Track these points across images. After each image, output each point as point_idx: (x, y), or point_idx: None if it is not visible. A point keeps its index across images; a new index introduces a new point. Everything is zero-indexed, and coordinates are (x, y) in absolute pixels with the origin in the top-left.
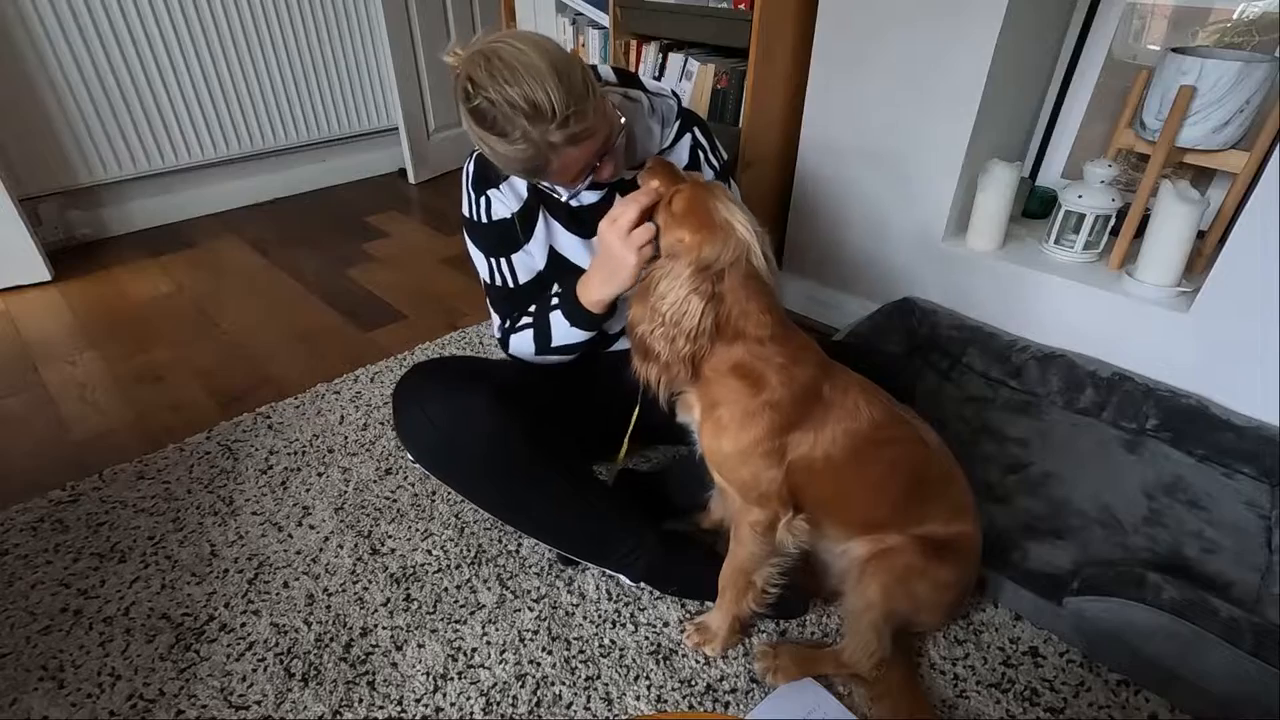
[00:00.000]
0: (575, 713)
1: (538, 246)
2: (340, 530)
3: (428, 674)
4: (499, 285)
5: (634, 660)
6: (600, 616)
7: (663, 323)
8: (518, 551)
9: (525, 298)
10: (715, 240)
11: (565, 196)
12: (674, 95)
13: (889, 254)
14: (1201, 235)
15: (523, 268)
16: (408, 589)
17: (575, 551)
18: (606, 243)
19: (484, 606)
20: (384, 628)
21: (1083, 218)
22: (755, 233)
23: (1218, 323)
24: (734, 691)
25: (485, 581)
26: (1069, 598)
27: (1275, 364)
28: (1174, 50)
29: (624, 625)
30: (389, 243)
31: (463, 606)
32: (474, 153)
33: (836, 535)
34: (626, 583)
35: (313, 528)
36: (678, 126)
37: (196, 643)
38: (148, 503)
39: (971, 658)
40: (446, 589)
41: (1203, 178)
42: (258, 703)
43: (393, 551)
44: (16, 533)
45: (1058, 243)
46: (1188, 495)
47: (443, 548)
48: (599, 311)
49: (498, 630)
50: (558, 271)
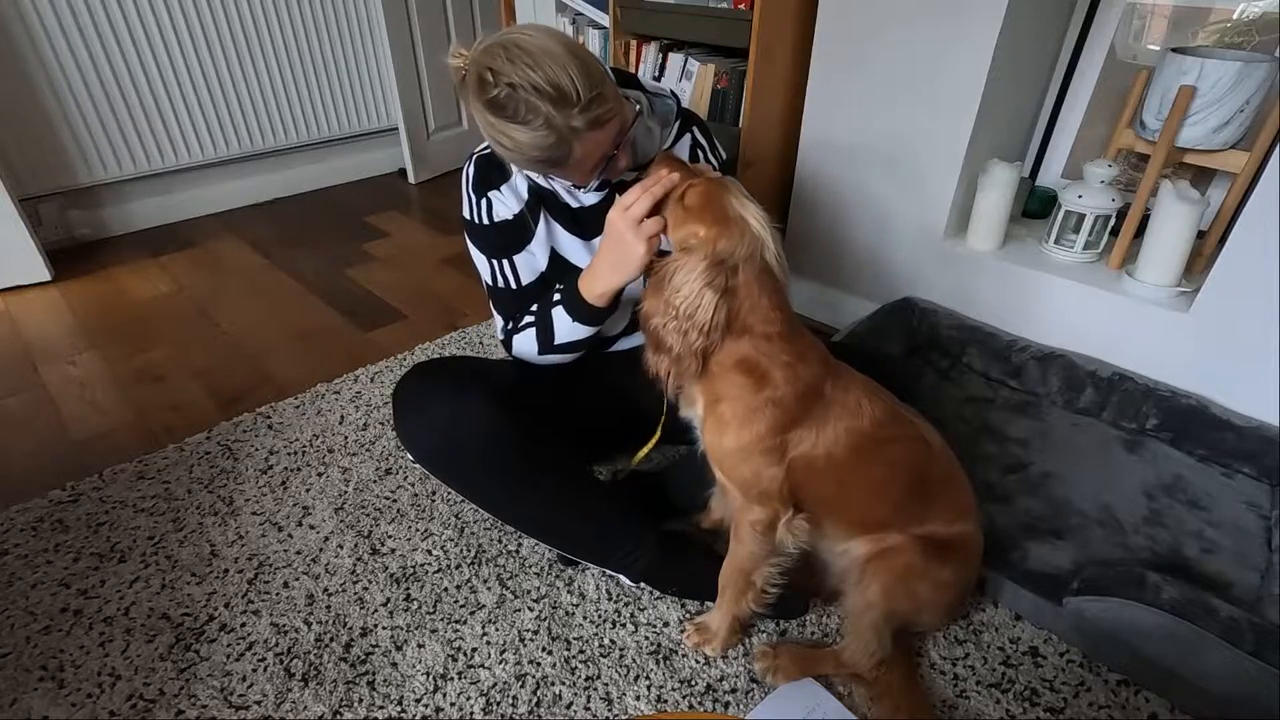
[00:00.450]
0: (575, 713)
1: (539, 248)
2: (340, 530)
3: (428, 674)
4: (501, 287)
5: (634, 660)
6: (600, 616)
7: (676, 316)
8: (518, 551)
9: (528, 298)
10: (730, 235)
11: (570, 197)
12: (673, 96)
13: (889, 254)
14: (1201, 235)
15: (525, 268)
16: (408, 589)
17: (575, 552)
18: (617, 231)
19: (484, 606)
20: (384, 628)
21: (1083, 218)
22: (768, 228)
23: (1218, 323)
24: (734, 691)
25: (485, 581)
26: (1069, 598)
27: (1275, 364)
28: (1174, 50)
29: (624, 625)
30: (389, 243)
31: (463, 606)
32: (473, 155)
33: (837, 534)
34: (626, 583)
35: (313, 528)
36: (677, 127)
37: (196, 643)
38: (148, 503)
39: (971, 658)
40: (446, 589)
41: (1203, 178)
42: (258, 703)
43: (393, 551)
44: (16, 533)
45: (1058, 243)
46: (1188, 495)
47: (443, 548)
48: (603, 305)
49: (498, 630)
50: (558, 273)
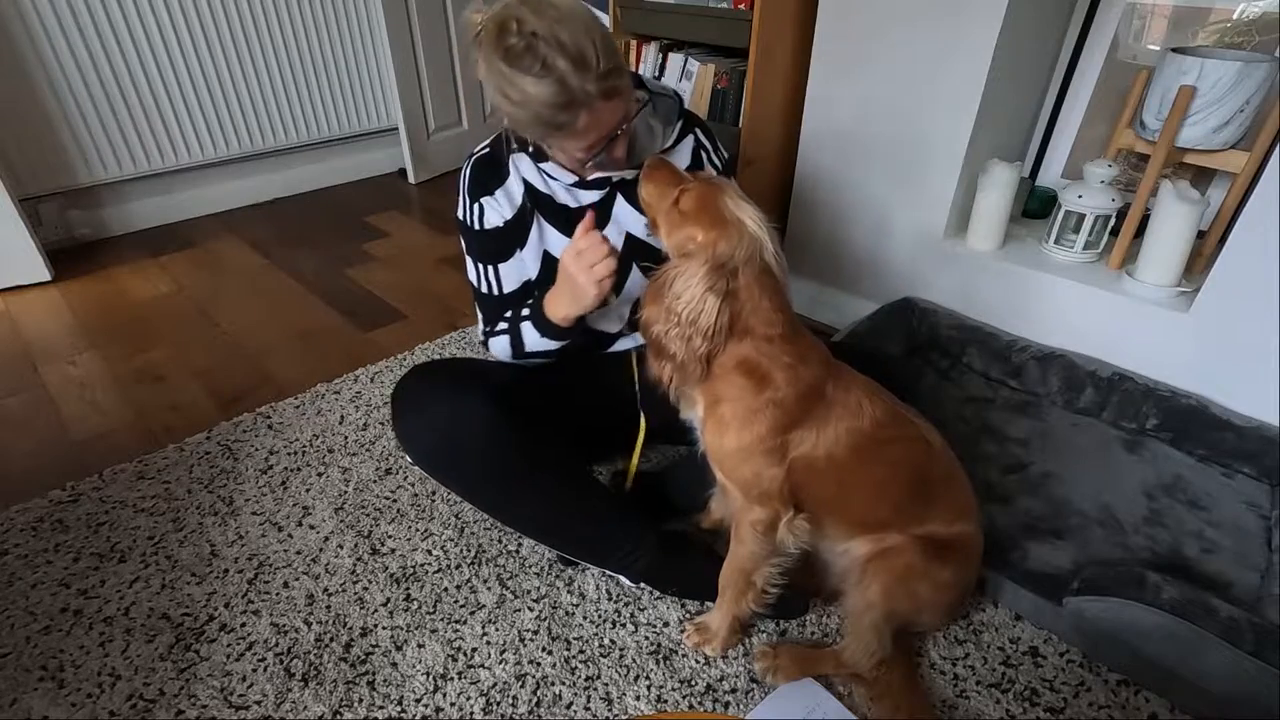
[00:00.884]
0: (575, 713)
1: (531, 253)
2: (340, 530)
3: (428, 674)
4: (485, 292)
5: (634, 660)
6: (600, 616)
7: (679, 323)
8: (518, 551)
9: (507, 304)
10: (729, 237)
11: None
12: (676, 95)
13: (889, 254)
14: (1201, 235)
15: (509, 276)
16: (408, 589)
17: (574, 552)
18: (570, 274)
19: (484, 606)
20: (384, 628)
21: (1083, 218)
22: (766, 228)
23: (1218, 323)
24: (734, 691)
25: (485, 581)
26: (1069, 598)
27: (1275, 364)
28: (1174, 50)
29: (624, 625)
30: (389, 243)
31: (463, 606)
32: (472, 156)
33: (837, 535)
34: (626, 583)
35: (313, 528)
36: (680, 126)
37: (196, 643)
38: (148, 503)
39: (971, 658)
40: (446, 589)
41: (1203, 178)
42: (258, 703)
43: (393, 551)
44: (16, 533)
45: (1058, 243)
46: (1188, 495)
47: (443, 548)
48: (566, 326)
49: (498, 630)
50: (551, 275)
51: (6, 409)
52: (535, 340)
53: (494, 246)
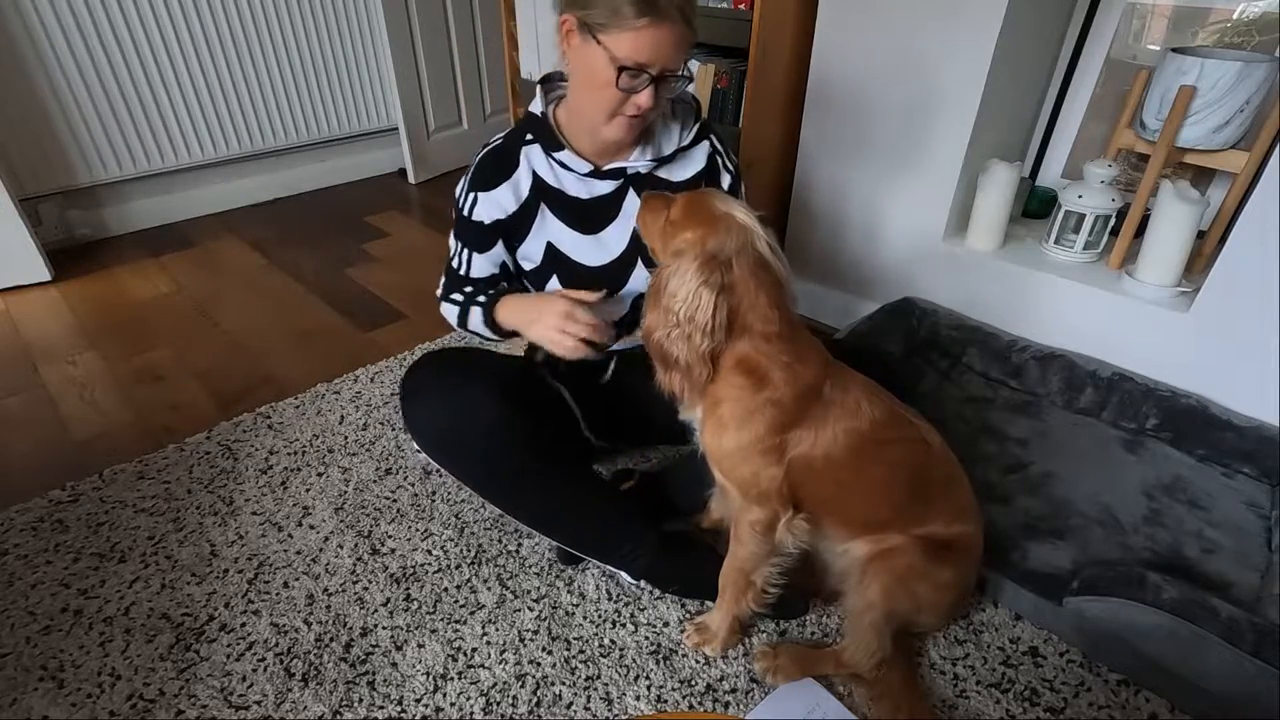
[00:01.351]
0: (575, 713)
1: (535, 244)
2: (340, 530)
3: (428, 674)
4: (455, 267)
5: (634, 660)
6: (600, 616)
7: (678, 323)
8: (518, 551)
9: (469, 284)
10: (718, 231)
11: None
12: (695, 100)
13: (889, 254)
14: (1201, 235)
15: (479, 267)
16: (408, 589)
17: (576, 546)
18: (546, 320)
19: (484, 606)
20: (384, 628)
21: (1083, 218)
22: (755, 219)
23: (1218, 323)
24: (734, 691)
25: (485, 581)
26: (1069, 598)
27: (1275, 364)
28: (1174, 50)
29: (624, 625)
30: (389, 242)
31: (463, 606)
32: (486, 146)
33: (837, 535)
34: (626, 581)
35: (313, 528)
36: (696, 130)
37: (196, 643)
38: (148, 503)
39: (971, 658)
40: (446, 589)
41: (1203, 178)
42: (258, 703)
43: (393, 551)
44: (16, 533)
45: (1058, 243)
46: (1188, 495)
47: (443, 548)
48: (507, 330)
49: (498, 630)
50: (554, 265)
51: (6, 409)
52: (477, 324)
53: (475, 238)
